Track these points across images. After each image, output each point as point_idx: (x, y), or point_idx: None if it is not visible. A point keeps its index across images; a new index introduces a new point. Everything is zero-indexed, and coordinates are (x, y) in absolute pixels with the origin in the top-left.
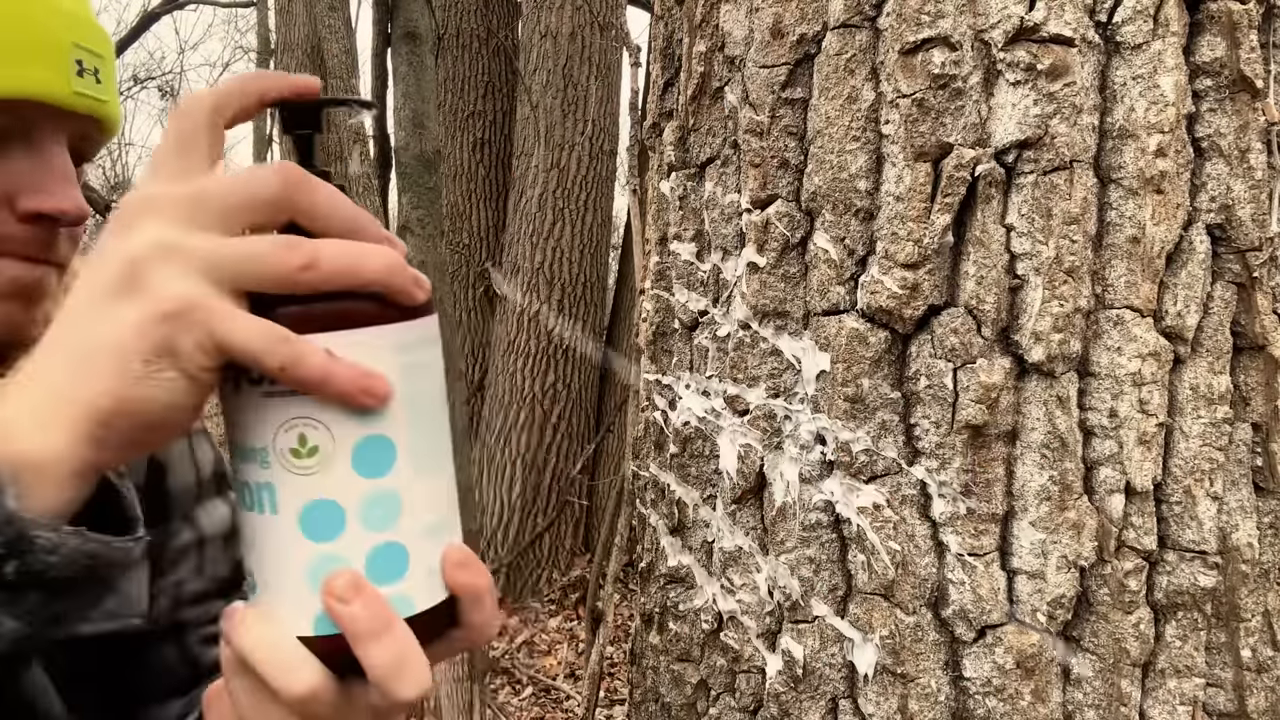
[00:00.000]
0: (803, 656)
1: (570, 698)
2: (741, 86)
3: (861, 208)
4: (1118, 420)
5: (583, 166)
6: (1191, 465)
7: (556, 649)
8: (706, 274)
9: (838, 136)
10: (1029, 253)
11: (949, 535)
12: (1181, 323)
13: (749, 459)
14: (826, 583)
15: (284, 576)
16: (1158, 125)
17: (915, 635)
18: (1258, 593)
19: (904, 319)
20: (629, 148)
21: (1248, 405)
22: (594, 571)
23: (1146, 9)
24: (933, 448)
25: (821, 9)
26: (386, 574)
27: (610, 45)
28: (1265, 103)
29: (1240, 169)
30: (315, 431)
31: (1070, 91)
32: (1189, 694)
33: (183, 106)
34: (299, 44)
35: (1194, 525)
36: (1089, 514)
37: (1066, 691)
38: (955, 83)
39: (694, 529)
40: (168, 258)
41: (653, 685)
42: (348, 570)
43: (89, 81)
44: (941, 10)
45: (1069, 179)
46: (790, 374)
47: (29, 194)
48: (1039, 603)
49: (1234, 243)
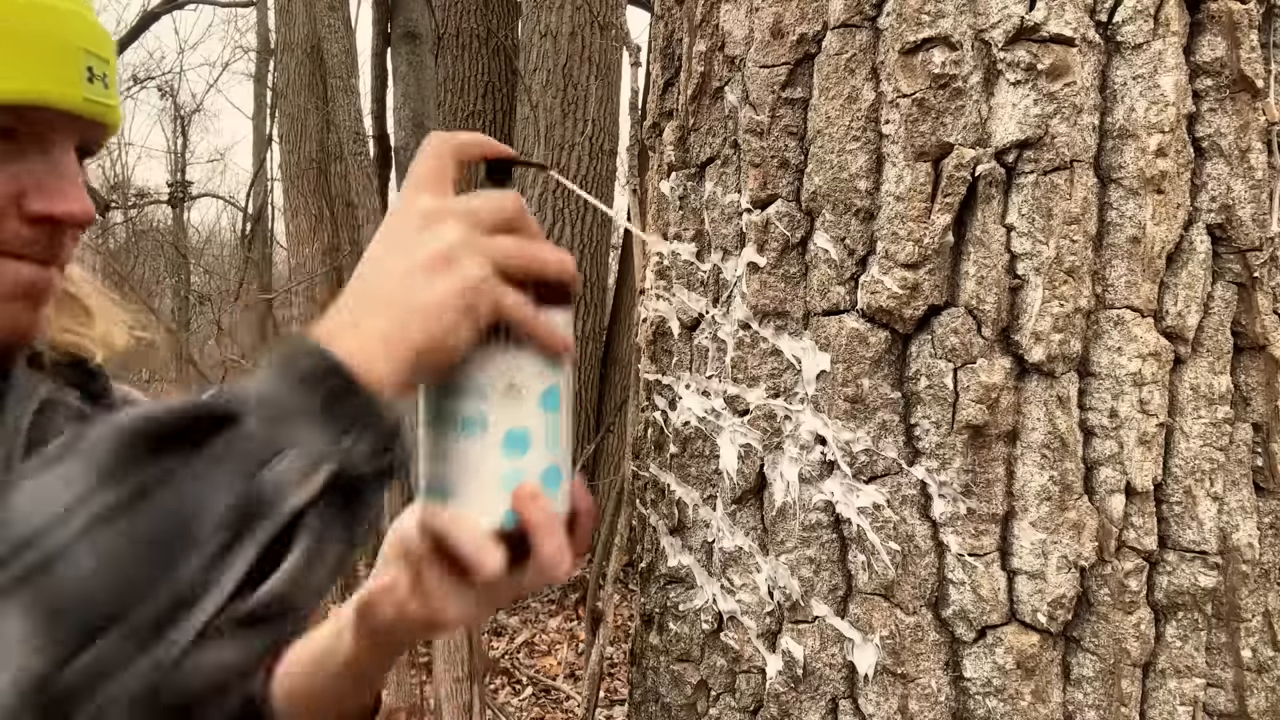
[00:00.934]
0: (803, 657)
1: (570, 698)
2: (741, 86)
3: (862, 208)
4: (1118, 420)
5: (583, 166)
6: (1192, 465)
7: (556, 649)
8: (706, 274)
9: (838, 136)
10: (1029, 253)
11: (949, 535)
12: (1182, 323)
13: (749, 459)
14: (827, 583)
15: (483, 484)
16: (1158, 125)
17: (915, 635)
18: (1258, 593)
19: (904, 319)
20: (629, 148)
21: (1248, 405)
22: (594, 571)
23: (1147, 9)
24: (933, 448)
25: (821, 9)
26: (552, 487)
27: (610, 45)
28: (1265, 103)
29: (1240, 169)
30: (519, 377)
31: (1070, 91)
32: (1189, 694)
33: (435, 146)
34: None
35: (1194, 525)
36: (1089, 514)
37: (1067, 691)
38: (955, 83)
39: (694, 529)
40: (472, 250)
41: (653, 685)
42: (532, 481)
43: (98, 88)
44: (942, 10)
45: (1069, 179)
46: (790, 374)
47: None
48: (1039, 603)
49: (1234, 243)
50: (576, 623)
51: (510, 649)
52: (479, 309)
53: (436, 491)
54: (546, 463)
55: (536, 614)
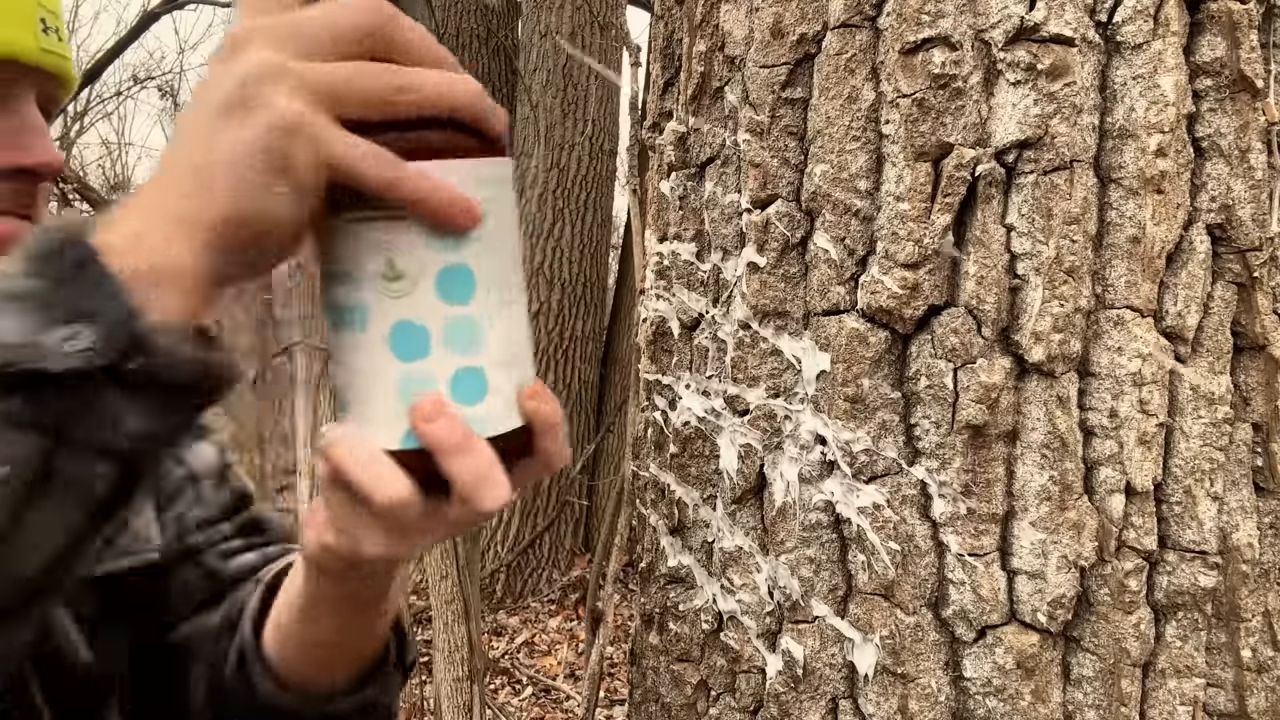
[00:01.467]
0: (803, 656)
1: (570, 698)
2: (741, 86)
3: (861, 208)
4: (1118, 420)
5: (583, 166)
6: (1192, 465)
7: (556, 649)
8: (706, 274)
9: (838, 136)
10: (1029, 253)
11: (949, 535)
12: (1182, 323)
13: (749, 459)
14: (826, 583)
15: (374, 394)
16: (1158, 125)
17: (915, 635)
18: (1258, 593)
19: (904, 319)
20: (629, 148)
21: (1248, 405)
22: (594, 571)
23: (1147, 9)
24: (933, 448)
25: (821, 9)
26: (467, 396)
27: (610, 45)
28: (1265, 103)
29: (1240, 169)
30: (403, 257)
31: (1070, 91)
32: (1189, 694)
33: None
34: None
35: (1194, 525)
36: (1089, 514)
37: (1067, 691)
38: (955, 83)
39: (694, 529)
40: (277, 79)
41: (653, 685)
42: (434, 391)
43: (53, 39)
44: (942, 10)
45: (1069, 179)
46: (790, 374)
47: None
48: (1039, 603)
49: (1234, 243)
50: (576, 623)
51: (510, 649)
52: (296, 162)
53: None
54: (456, 367)
55: (536, 614)
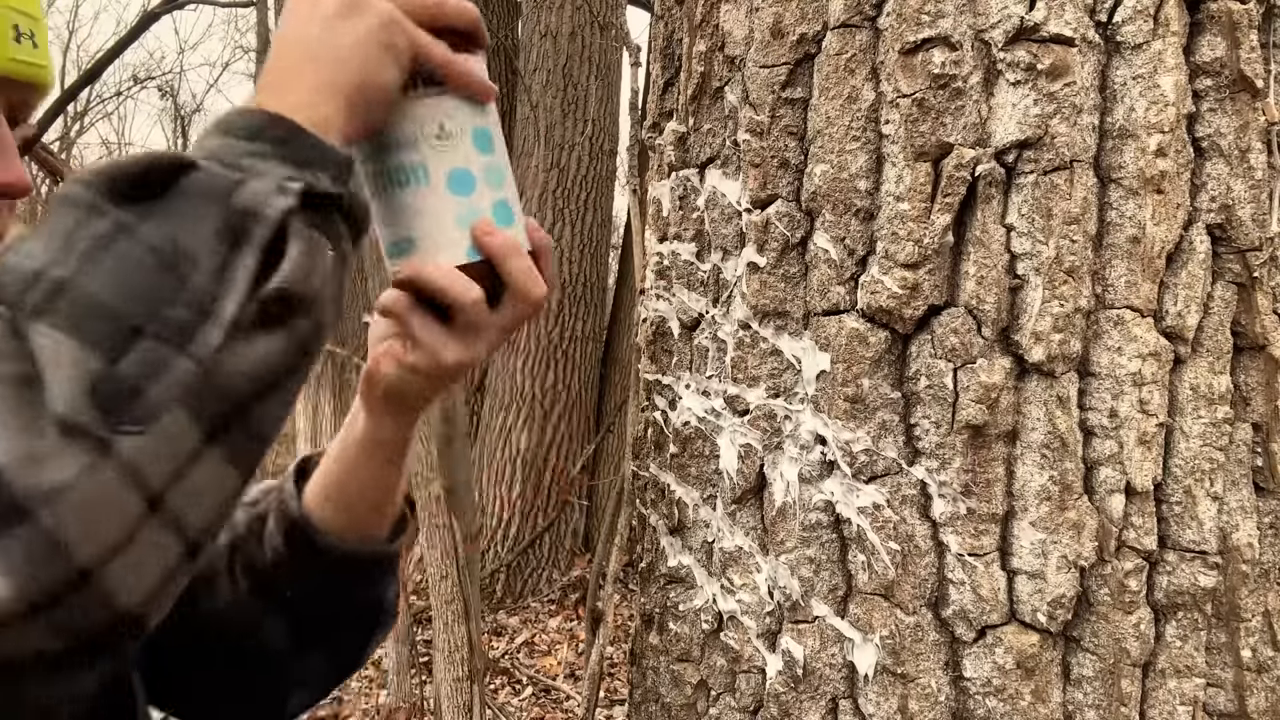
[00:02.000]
0: (803, 656)
1: (570, 698)
2: (741, 86)
3: (861, 208)
4: (1118, 420)
5: (583, 166)
6: (1192, 465)
7: (556, 649)
8: (706, 274)
9: (838, 136)
10: (1029, 253)
11: (949, 535)
12: (1182, 323)
13: (749, 459)
14: (826, 583)
15: (439, 226)
16: (1158, 125)
17: (915, 635)
18: (1258, 593)
19: (904, 319)
20: (629, 148)
21: (1248, 405)
22: (594, 571)
23: (1146, 9)
24: (933, 448)
25: (821, 9)
26: (504, 221)
27: (610, 45)
28: (1265, 103)
29: (1240, 169)
30: (450, 121)
31: (1070, 91)
32: (1189, 694)
33: None
34: None
35: (1194, 525)
36: (1089, 514)
37: (1067, 691)
38: (955, 83)
39: (694, 529)
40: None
41: (653, 685)
42: (483, 217)
43: (26, 47)
44: (941, 10)
45: (1069, 179)
46: (790, 374)
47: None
48: (1039, 603)
49: (1234, 243)
50: (576, 623)
51: (510, 649)
52: (397, 46)
53: (400, 249)
54: (494, 198)
55: (536, 614)
